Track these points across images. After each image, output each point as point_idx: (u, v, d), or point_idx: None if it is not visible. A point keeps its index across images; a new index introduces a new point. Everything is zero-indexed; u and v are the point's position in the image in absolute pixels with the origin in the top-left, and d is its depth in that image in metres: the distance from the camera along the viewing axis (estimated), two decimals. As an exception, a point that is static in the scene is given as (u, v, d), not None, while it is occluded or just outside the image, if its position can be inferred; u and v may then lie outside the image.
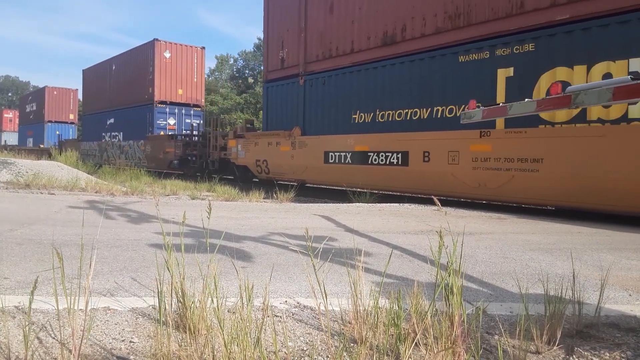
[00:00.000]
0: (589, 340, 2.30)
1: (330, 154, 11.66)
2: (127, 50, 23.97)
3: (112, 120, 24.71)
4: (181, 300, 2.19)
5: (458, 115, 9.02)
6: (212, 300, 2.03)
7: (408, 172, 9.88)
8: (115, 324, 2.29)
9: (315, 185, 12.87)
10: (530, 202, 8.38)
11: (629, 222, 7.13)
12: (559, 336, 2.19)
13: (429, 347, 1.89)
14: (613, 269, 3.85)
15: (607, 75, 7.41)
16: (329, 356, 2.00)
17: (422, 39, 9.80)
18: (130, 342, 2.10)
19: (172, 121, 21.52)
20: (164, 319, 2.19)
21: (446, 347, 1.80)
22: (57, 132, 36.65)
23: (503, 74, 8.49)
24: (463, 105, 8.83)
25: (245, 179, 14.94)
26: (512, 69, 8.39)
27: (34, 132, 39.25)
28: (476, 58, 8.88)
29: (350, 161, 11.18)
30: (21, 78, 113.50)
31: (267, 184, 13.05)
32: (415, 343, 1.97)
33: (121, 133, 23.74)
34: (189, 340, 1.98)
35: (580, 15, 7.57)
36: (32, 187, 9.48)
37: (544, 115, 7.89)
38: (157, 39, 21.40)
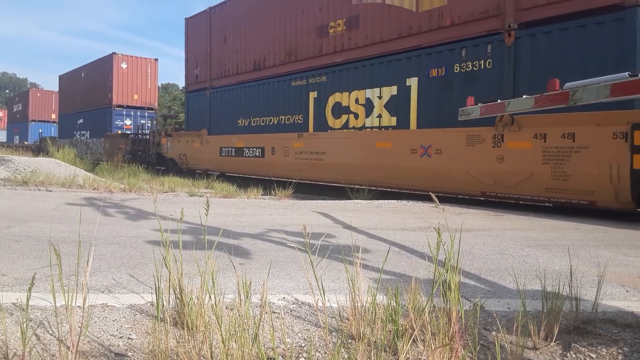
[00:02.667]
0: (586, 336, 2.31)
1: (223, 149, 15.59)
2: (92, 61, 27.86)
3: (81, 121, 28.95)
4: (179, 297, 2.20)
5: (291, 122, 13.05)
6: (210, 297, 2.03)
7: (264, 162, 13.84)
8: (114, 321, 2.29)
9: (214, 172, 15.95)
10: (321, 181, 12.29)
11: (626, 219, 7.15)
12: (556, 332, 2.19)
13: (426, 343, 1.89)
14: (610, 265, 3.86)
15: (357, 100, 11.28)
16: (327, 352, 2.00)
17: (274, 67, 13.79)
18: (129, 338, 2.10)
19: (128, 122, 25.52)
20: (162, 316, 2.19)
21: (444, 343, 1.80)
22: (40, 130, 39.94)
23: (312, 96, 12.42)
24: (295, 115, 12.95)
25: (175, 169, 18.21)
26: (316, 92, 12.33)
27: (19, 130, 43.10)
28: (300, 84, 12.81)
29: (233, 154, 15.10)
30: (18, 75, 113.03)
31: (266, 182, 13.29)
32: (413, 339, 1.97)
33: (88, 132, 27.81)
34: (187, 337, 1.98)
35: (347, 60, 11.49)
36: (29, 184, 9.46)
37: (330, 122, 11.90)
38: (115, 53, 25.30)
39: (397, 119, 10.25)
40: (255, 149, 14.18)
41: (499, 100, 7.35)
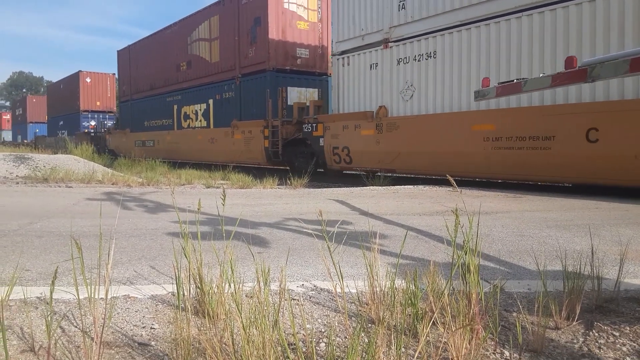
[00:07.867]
0: (608, 314, 2.28)
1: (136, 141, 23.35)
2: (67, 76, 36.48)
3: (61, 122, 37.37)
4: (199, 286, 2.22)
5: (167, 124, 20.87)
6: (230, 285, 2.05)
7: (155, 149, 21.15)
8: (136, 312, 2.33)
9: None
10: (178, 159, 18.45)
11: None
12: (578, 311, 2.17)
13: (446, 326, 1.89)
14: (632, 244, 3.80)
15: (192, 110, 18.93)
16: (347, 337, 2.01)
17: (159, 88, 21.38)
18: (151, 328, 2.14)
19: (93, 123, 33.33)
20: (182, 305, 2.22)
21: (464, 324, 1.79)
22: (36, 130, 48.35)
23: (175, 108, 19.96)
24: (168, 120, 20.77)
25: (114, 156, 24.30)
26: (177, 105, 19.78)
27: (21, 131, 52.88)
28: (170, 100, 20.33)
29: (141, 145, 22.64)
30: (35, 73, 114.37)
31: (281, 171, 13.42)
32: (433, 322, 1.97)
33: (66, 131, 35.76)
34: (208, 325, 2.00)
35: (189, 87, 19.06)
36: (49, 180, 9.62)
37: (183, 124, 19.44)
38: (81, 71, 33.57)
39: (207, 122, 17.66)
40: (150, 141, 22.10)
41: (515, 80, 7.23)
